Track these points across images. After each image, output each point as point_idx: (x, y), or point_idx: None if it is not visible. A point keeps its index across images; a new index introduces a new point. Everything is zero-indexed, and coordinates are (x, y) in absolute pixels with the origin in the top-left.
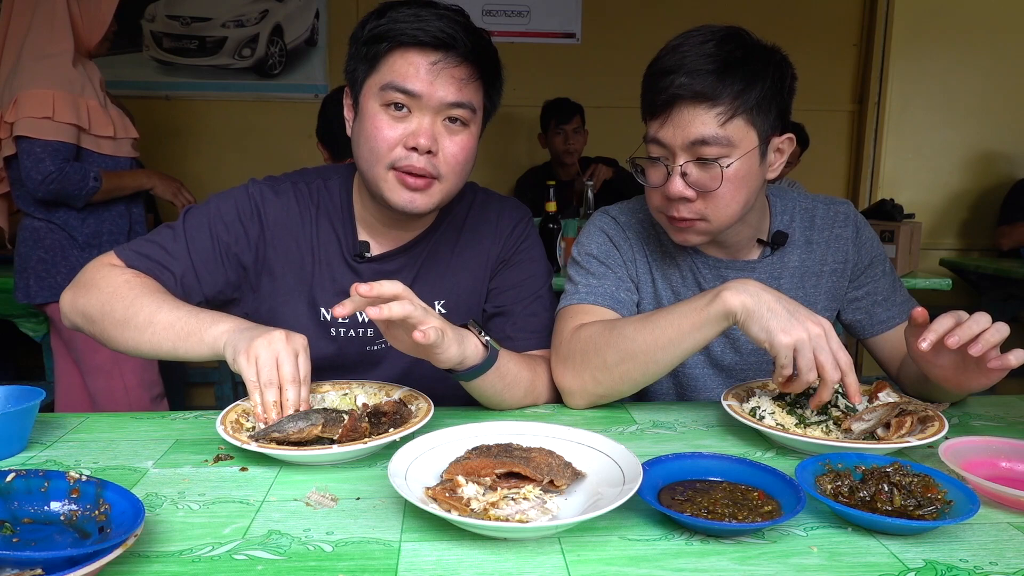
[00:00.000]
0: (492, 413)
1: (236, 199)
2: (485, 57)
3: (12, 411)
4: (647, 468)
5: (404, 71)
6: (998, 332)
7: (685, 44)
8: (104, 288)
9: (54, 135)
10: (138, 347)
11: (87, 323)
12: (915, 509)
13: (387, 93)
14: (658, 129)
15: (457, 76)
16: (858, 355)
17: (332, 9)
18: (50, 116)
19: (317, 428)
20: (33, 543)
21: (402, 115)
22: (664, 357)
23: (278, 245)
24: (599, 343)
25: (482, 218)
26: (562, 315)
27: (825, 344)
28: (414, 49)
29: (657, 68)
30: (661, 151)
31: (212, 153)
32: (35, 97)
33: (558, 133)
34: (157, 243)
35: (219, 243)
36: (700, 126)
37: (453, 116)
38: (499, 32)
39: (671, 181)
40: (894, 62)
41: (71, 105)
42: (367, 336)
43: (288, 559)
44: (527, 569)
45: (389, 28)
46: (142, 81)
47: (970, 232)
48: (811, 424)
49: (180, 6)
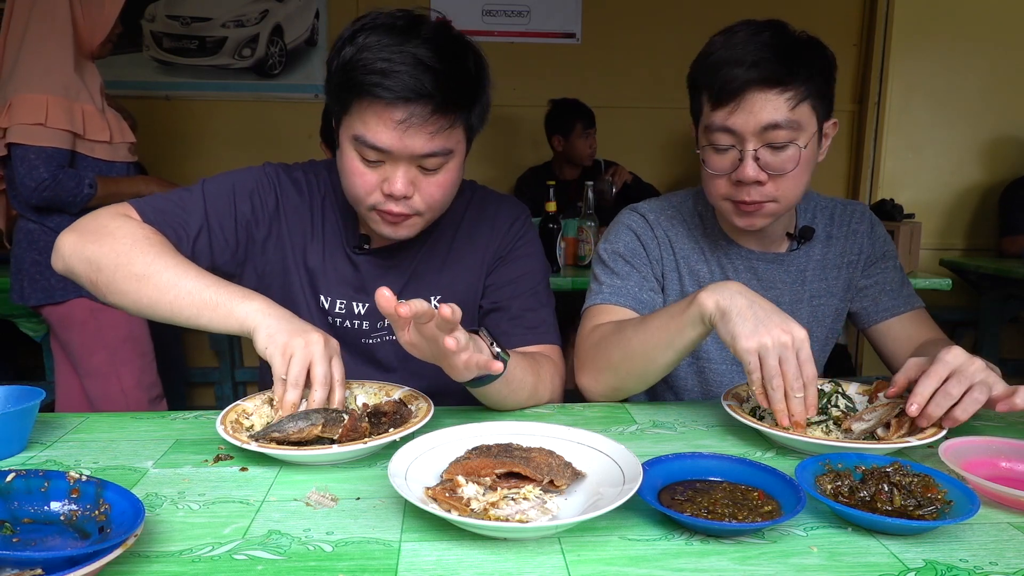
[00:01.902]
0: (492, 413)
1: (254, 174)
2: (463, 95)
3: (12, 411)
4: (647, 468)
5: (374, 127)
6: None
7: (738, 35)
8: (121, 238)
9: (47, 141)
10: (153, 306)
11: (91, 271)
12: (915, 509)
13: (359, 146)
14: (726, 117)
15: (428, 130)
16: (858, 355)
17: (332, 9)
18: (43, 122)
19: (317, 428)
20: (33, 543)
21: (376, 164)
22: (659, 357)
23: (289, 226)
24: (608, 343)
25: (480, 216)
26: (585, 315)
27: (790, 354)
28: (380, 103)
29: (715, 60)
30: (729, 138)
31: (212, 153)
32: (28, 102)
33: (585, 137)
34: (174, 201)
35: (236, 211)
36: (772, 111)
37: (427, 165)
38: (499, 32)
39: (744, 166)
40: (894, 62)
41: (65, 110)
42: (363, 328)
43: (288, 559)
44: (527, 569)
45: (355, 79)
46: (142, 81)
47: (970, 232)
48: (811, 424)
49: (180, 6)
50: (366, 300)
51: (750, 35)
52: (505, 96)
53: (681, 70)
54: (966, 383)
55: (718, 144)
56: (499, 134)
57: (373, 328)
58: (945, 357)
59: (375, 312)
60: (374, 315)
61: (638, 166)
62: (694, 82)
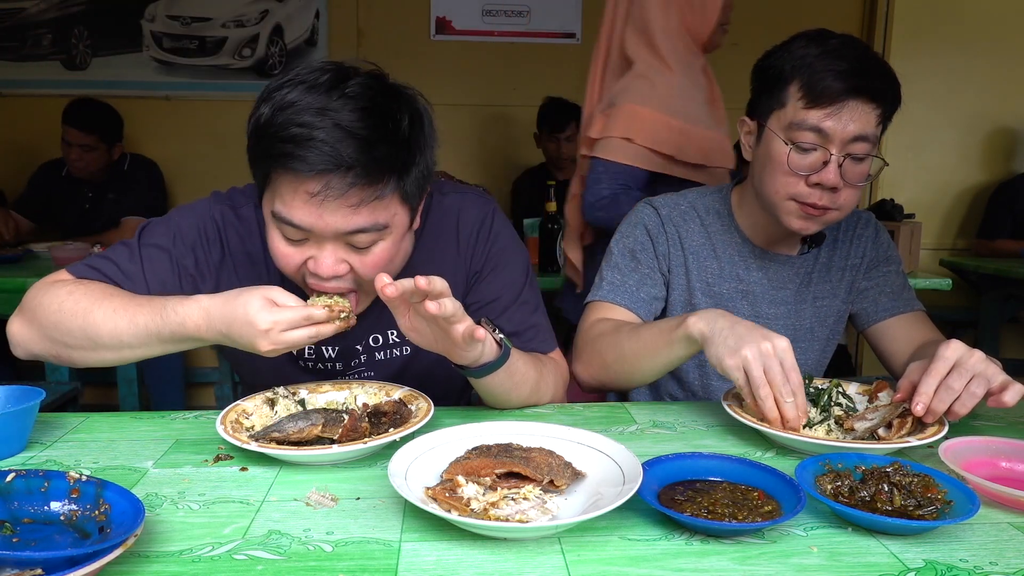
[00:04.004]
0: (492, 413)
1: (198, 218)
2: (391, 163)
3: (12, 411)
4: (647, 468)
5: (289, 201)
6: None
7: (831, 41)
8: (53, 311)
9: (625, 158)
10: (121, 361)
11: (51, 350)
12: (915, 509)
13: (279, 223)
14: (822, 119)
15: (349, 203)
16: (858, 355)
17: (332, 9)
18: (631, 138)
19: (317, 428)
20: (33, 543)
21: (300, 242)
22: (647, 366)
23: (239, 274)
24: (604, 344)
25: (440, 229)
26: (588, 307)
27: (773, 362)
28: (293, 174)
29: (816, 59)
30: (816, 139)
31: (212, 153)
32: (626, 115)
33: (551, 141)
34: (112, 260)
35: (177, 266)
36: (865, 123)
37: (356, 243)
38: (499, 32)
39: (828, 170)
40: (894, 62)
41: (662, 128)
42: (336, 369)
43: (288, 559)
44: (527, 569)
45: (268, 147)
46: (142, 81)
47: (970, 232)
48: (812, 424)
49: (180, 6)
50: (335, 343)
51: (843, 43)
52: (505, 96)
53: None
54: (967, 376)
55: (803, 143)
56: (498, 134)
57: (347, 367)
58: (945, 353)
59: (347, 352)
60: (346, 355)
61: None
62: (780, 74)
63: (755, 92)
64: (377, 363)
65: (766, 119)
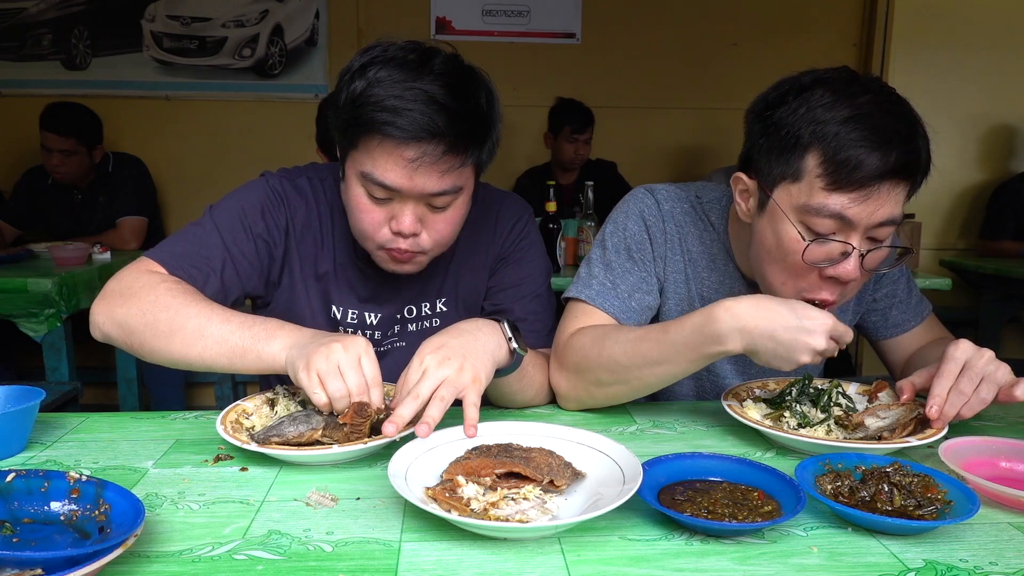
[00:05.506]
0: (492, 413)
1: (260, 191)
2: (475, 134)
3: (12, 411)
4: (647, 468)
5: (383, 164)
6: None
7: (859, 99)
8: (144, 297)
9: None
10: (187, 359)
11: (124, 335)
12: (915, 509)
13: (366, 183)
14: (847, 205)
15: (439, 168)
16: (858, 355)
17: (332, 9)
18: None
19: (317, 432)
20: (33, 543)
21: (384, 201)
22: (656, 382)
23: (300, 238)
24: (593, 360)
25: (482, 216)
26: (568, 308)
27: (834, 326)
28: (391, 140)
29: (851, 129)
30: (836, 226)
31: (212, 153)
32: None
33: (571, 141)
34: (190, 241)
35: (252, 233)
36: (894, 206)
37: (436, 203)
38: (499, 32)
39: (847, 262)
40: (894, 62)
41: None
42: (374, 338)
43: (288, 559)
44: (527, 569)
45: (366, 115)
46: (142, 81)
47: (971, 232)
48: (813, 424)
49: (180, 6)
50: (377, 310)
51: (874, 100)
52: (505, 97)
53: (681, 70)
54: (976, 379)
55: (818, 230)
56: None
57: (384, 337)
58: (955, 354)
59: (387, 321)
60: (385, 324)
61: (637, 166)
62: (796, 139)
63: (757, 147)
64: (409, 334)
65: (771, 187)
